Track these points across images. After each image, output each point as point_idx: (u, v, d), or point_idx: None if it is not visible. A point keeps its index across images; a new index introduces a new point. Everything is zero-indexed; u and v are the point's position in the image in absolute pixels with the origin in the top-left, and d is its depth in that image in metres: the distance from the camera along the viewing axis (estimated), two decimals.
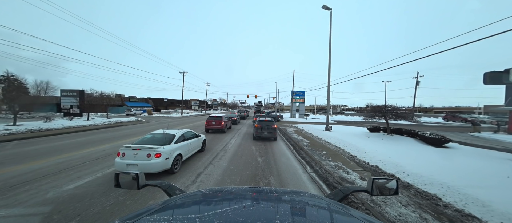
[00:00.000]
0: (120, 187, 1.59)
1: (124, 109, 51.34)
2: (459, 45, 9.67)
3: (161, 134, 6.80)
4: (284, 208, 1.17)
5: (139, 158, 5.37)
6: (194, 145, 8.12)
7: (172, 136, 6.64)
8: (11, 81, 38.09)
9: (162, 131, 7.02)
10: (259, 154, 8.95)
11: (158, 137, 6.57)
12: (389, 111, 13.69)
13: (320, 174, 6.35)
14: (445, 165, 6.90)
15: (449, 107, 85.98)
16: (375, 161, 7.35)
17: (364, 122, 30.38)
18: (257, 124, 13.41)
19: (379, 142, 11.67)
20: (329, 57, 17.67)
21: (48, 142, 10.72)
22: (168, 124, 23.73)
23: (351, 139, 12.49)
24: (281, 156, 8.80)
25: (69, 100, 25.24)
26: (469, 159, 7.83)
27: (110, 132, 15.97)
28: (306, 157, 8.57)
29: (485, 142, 13.62)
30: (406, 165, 6.61)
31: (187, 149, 7.29)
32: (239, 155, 8.81)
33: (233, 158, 8.22)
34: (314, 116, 50.92)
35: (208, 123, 16.57)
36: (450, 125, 30.41)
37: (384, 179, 1.59)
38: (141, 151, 5.44)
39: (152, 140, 6.35)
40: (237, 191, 1.53)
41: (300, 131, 17.50)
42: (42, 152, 8.43)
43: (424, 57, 11.84)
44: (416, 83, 42.68)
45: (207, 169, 6.79)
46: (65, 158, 7.46)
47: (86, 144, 10.38)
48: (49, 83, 61.22)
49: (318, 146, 10.61)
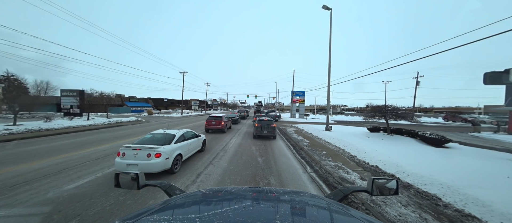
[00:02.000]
0: (120, 187, 1.60)
1: (124, 109, 51.39)
2: (459, 45, 9.76)
3: (161, 134, 6.80)
4: (284, 208, 1.17)
5: (139, 158, 5.37)
6: (194, 145, 8.12)
7: (172, 136, 6.64)
8: (11, 81, 38.14)
9: (162, 131, 7.03)
10: (259, 154, 8.95)
11: (158, 137, 6.58)
12: (389, 111, 13.70)
13: (320, 174, 6.35)
14: (445, 165, 6.90)
15: (449, 107, 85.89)
16: (375, 161, 7.35)
17: (364, 122, 30.38)
18: (257, 124, 13.55)
19: (379, 142, 11.67)
20: (329, 57, 17.67)
21: (48, 142, 10.72)
22: (168, 124, 23.74)
23: (351, 139, 12.49)
24: (281, 156, 8.80)
25: (69, 100, 25.24)
26: (469, 159, 7.84)
27: (110, 132, 15.97)
28: (306, 157, 8.57)
29: (485, 142, 13.62)
30: (406, 165, 6.61)
31: (187, 149, 7.30)
32: (239, 155, 8.81)
33: (233, 158, 8.22)
34: (314, 116, 50.93)
35: (208, 123, 16.57)
36: (450, 125, 30.42)
37: (384, 179, 1.59)
38: (141, 151, 5.44)
39: (152, 140, 6.35)
40: (237, 191, 1.53)
41: (300, 131, 17.52)
42: (42, 152, 8.43)
43: (424, 57, 11.93)
44: (416, 83, 42.68)
45: (207, 169, 6.79)
46: (65, 158, 7.47)
47: (86, 144, 10.39)
48: (49, 83, 61.16)
49: (318, 146, 10.61)
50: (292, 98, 43.40)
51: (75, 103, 25.07)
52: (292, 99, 43.48)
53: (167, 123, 25.44)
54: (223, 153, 9.16)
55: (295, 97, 43.12)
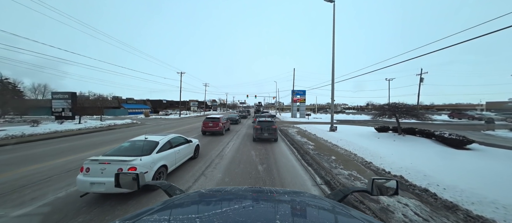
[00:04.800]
0: (121, 187, 1.58)
1: (121, 111, 50.24)
2: (462, 41, 9.37)
3: (142, 141, 5.69)
4: (284, 208, 1.16)
5: (107, 174, 4.22)
6: (184, 153, 7.02)
7: (154, 144, 5.54)
8: (5, 85, 37.11)
9: (144, 138, 5.91)
10: (260, 161, 7.86)
11: (138, 145, 5.47)
12: (401, 109, 12.49)
13: (333, 188, 5.25)
14: (480, 173, 5.79)
15: (449, 105, 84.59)
16: (396, 169, 6.24)
17: (368, 122, 29.27)
18: (256, 125, 12.50)
19: (392, 144, 10.57)
20: (333, 53, 16.57)
21: (25, 150, 9.62)
22: (163, 126, 22.66)
23: (359, 140, 11.39)
24: (285, 163, 7.70)
25: (60, 102, 24.08)
26: (504, 165, 6.71)
27: (100, 136, 14.89)
28: (313, 164, 7.47)
29: (505, 142, 12.51)
30: (436, 174, 5.51)
31: (175, 158, 6.19)
32: (237, 162, 7.72)
33: (229, 167, 7.13)
34: (315, 115, 49.77)
35: (204, 125, 15.57)
36: (458, 123, 29.26)
37: (384, 178, 1.56)
38: (111, 165, 4.30)
39: (129, 149, 5.24)
40: (237, 191, 1.51)
41: (303, 132, 16.40)
42: (7, 163, 7.29)
43: (424, 55, 11.50)
44: (420, 79, 41.55)
45: (198, 181, 5.70)
46: (31, 171, 6.34)
47: (66, 152, 9.29)
48: (47, 85, 60.20)
49: (325, 150, 9.49)
50: (293, 97, 42.28)
51: (66, 106, 23.93)
52: (293, 98, 42.35)
53: (163, 125, 24.36)
54: (219, 160, 8.06)
55: (295, 96, 42.00)
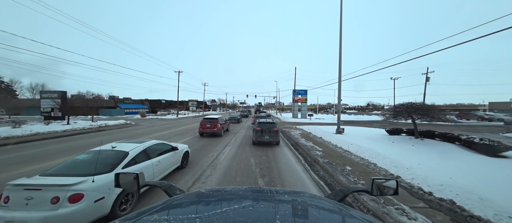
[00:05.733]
0: (121, 187, 1.55)
1: (117, 111, 48.88)
2: (465, 41, 8.97)
3: (108, 151, 4.34)
4: (284, 208, 1.15)
5: (35, 206, 2.84)
6: (167, 163, 5.65)
7: (122, 156, 4.17)
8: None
9: (111, 147, 4.54)
10: (260, 172, 6.50)
11: (99, 158, 4.08)
12: (419, 110, 11.03)
13: None
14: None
15: (450, 105, 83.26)
16: (436, 188, 4.86)
17: (373, 123, 27.92)
18: (256, 127, 11.19)
19: (412, 150, 9.23)
20: (340, 49, 15.21)
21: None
22: (157, 127, 21.32)
23: (373, 145, 10.04)
24: (290, 175, 6.35)
25: (49, 102, 22.73)
26: None
27: (86, 139, 13.55)
28: (326, 177, 6.12)
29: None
30: (494, 197, 4.16)
31: (152, 172, 4.83)
32: (233, 173, 6.38)
33: (223, 180, 5.78)
34: (317, 116, 48.40)
35: (202, 126, 14.40)
36: (469, 124, 27.84)
37: (383, 178, 1.55)
38: (42, 192, 2.94)
39: (84, 164, 3.88)
40: (237, 192, 1.50)
41: (307, 134, 15.03)
42: None
43: (425, 55, 11.26)
44: (426, 79, 40.09)
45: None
46: None
47: (33, 159, 7.95)
48: (45, 85, 58.83)
49: (337, 158, 8.12)
50: (294, 97, 40.91)
51: (55, 106, 22.57)
52: (294, 98, 40.99)
53: (157, 126, 23.01)
54: (211, 170, 6.71)
55: (297, 96, 40.65)
